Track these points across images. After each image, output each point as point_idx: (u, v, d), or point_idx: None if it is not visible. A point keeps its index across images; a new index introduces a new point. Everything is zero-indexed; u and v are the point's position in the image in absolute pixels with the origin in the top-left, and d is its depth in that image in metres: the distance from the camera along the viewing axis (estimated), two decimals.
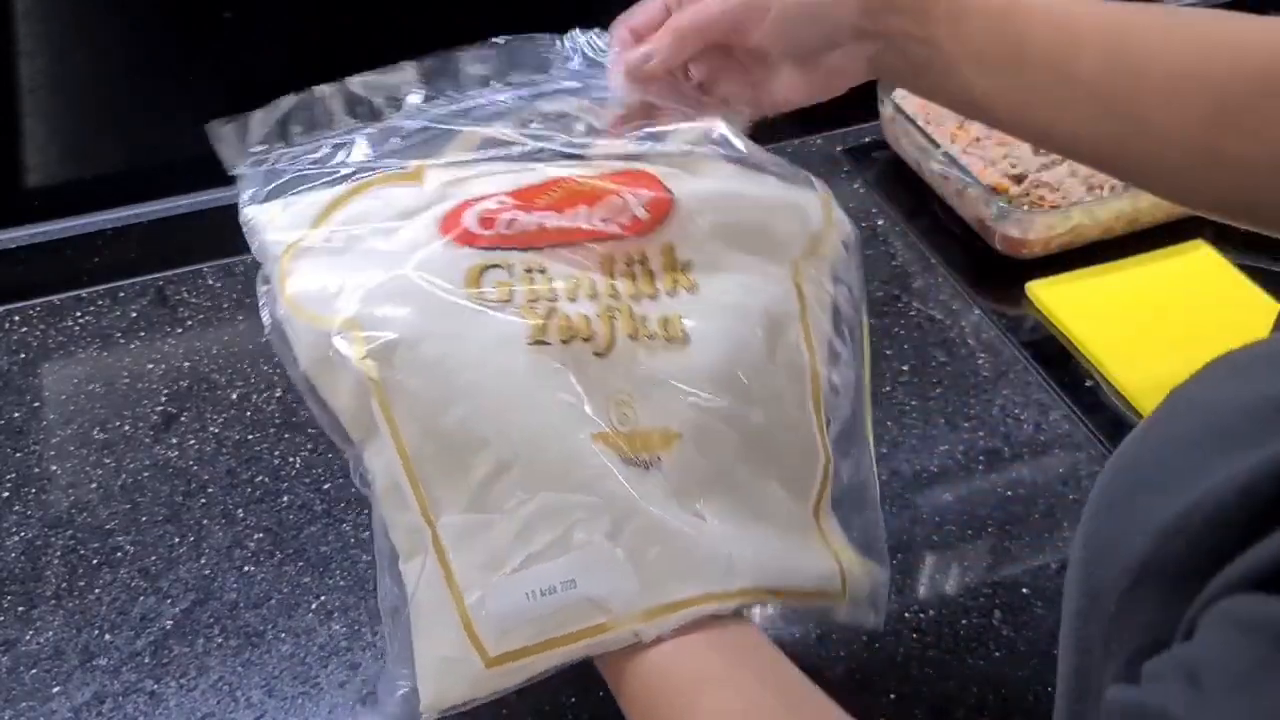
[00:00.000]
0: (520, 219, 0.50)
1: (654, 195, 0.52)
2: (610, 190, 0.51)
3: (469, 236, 0.49)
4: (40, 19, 1.19)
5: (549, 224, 0.50)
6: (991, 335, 0.84)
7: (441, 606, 0.47)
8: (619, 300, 0.49)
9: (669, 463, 0.48)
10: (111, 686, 0.63)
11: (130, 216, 0.96)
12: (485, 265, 0.49)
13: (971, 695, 0.62)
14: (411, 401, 0.47)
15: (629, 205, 0.51)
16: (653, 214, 0.51)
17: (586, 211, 0.51)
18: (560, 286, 0.49)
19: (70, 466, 0.75)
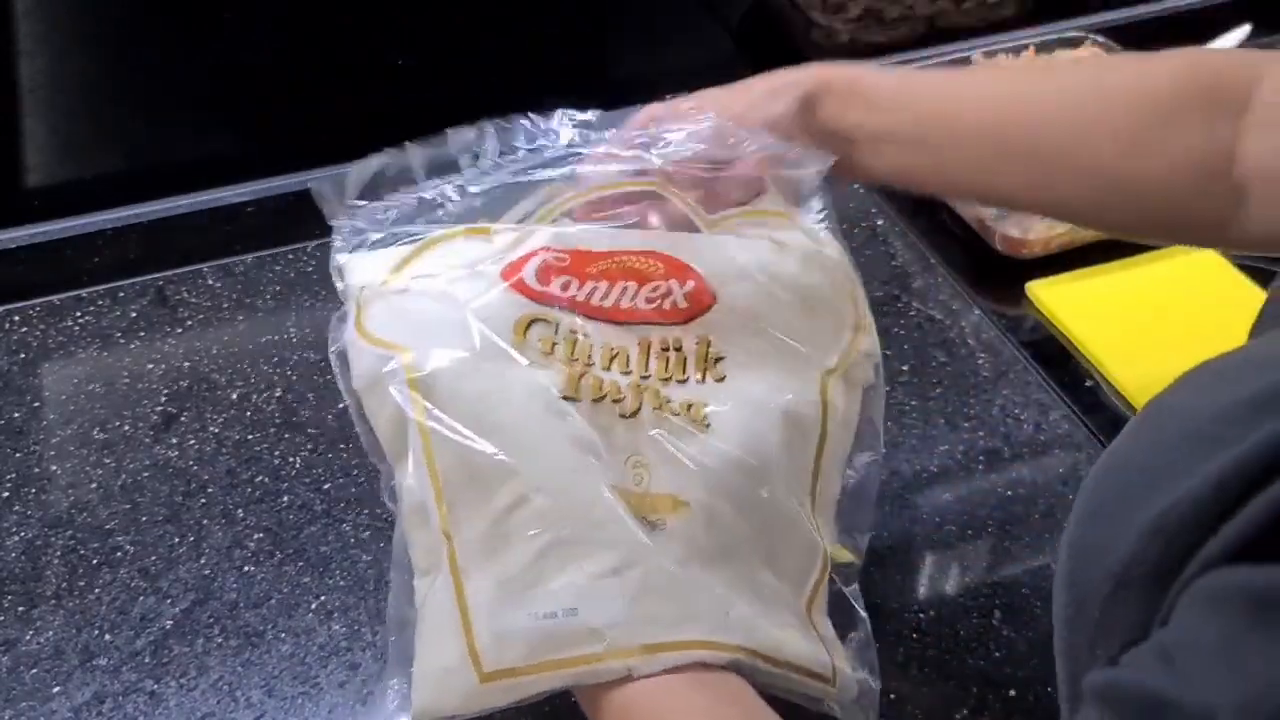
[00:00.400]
0: (573, 283, 0.54)
1: (695, 287, 0.55)
2: (658, 275, 0.55)
3: (525, 288, 0.54)
4: (41, 19, 1.19)
5: (597, 295, 0.54)
6: (991, 335, 0.84)
7: (447, 619, 0.49)
8: (649, 380, 0.53)
9: (675, 527, 0.50)
10: (111, 686, 0.63)
11: (130, 216, 0.96)
12: (534, 318, 0.53)
13: (971, 695, 0.62)
14: (449, 430, 0.51)
15: (672, 292, 0.55)
16: (692, 305, 0.55)
17: (634, 289, 0.55)
18: (598, 353, 0.53)
19: (70, 466, 0.75)
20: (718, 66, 1.18)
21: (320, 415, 0.78)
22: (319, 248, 0.93)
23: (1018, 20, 1.17)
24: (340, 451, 0.76)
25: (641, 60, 1.22)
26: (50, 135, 1.08)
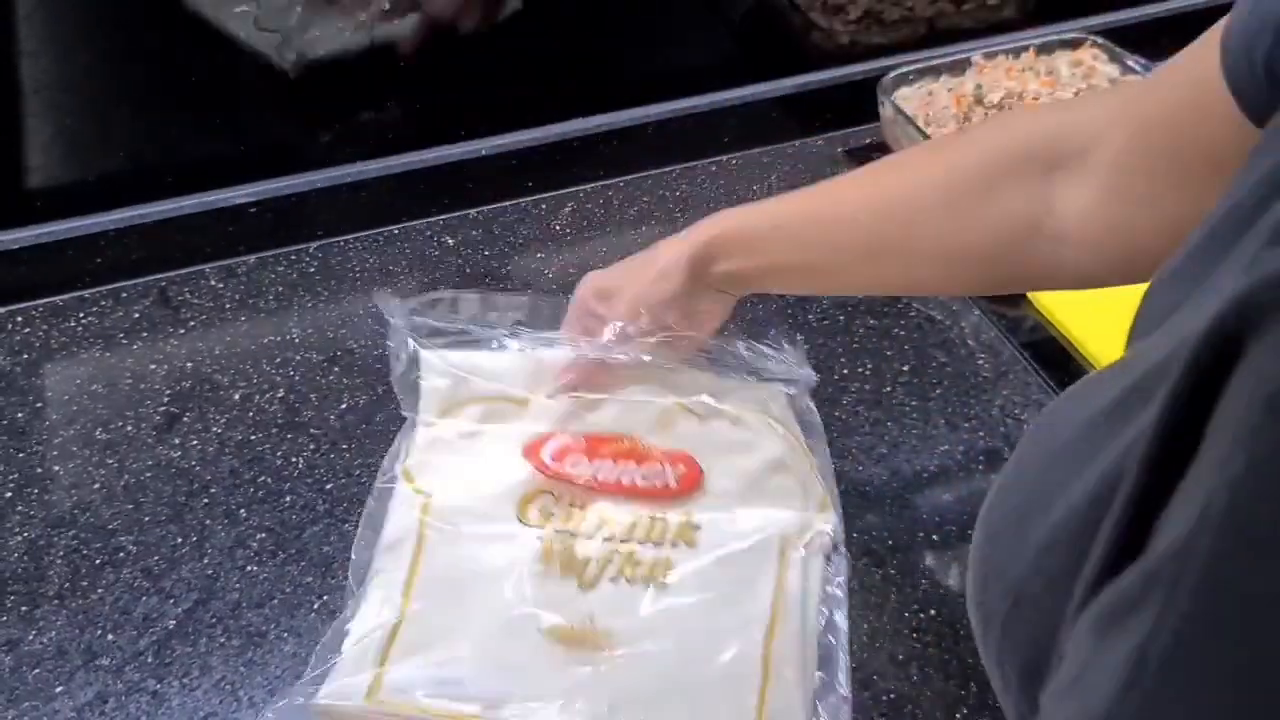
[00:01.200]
0: (583, 462, 0.66)
1: (686, 472, 0.66)
2: (655, 458, 0.67)
3: (542, 464, 0.66)
4: (43, 20, 1.20)
5: (601, 474, 0.66)
6: (991, 336, 0.84)
7: (377, 649, 0.59)
8: (631, 541, 0.63)
9: (603, 663, 0.59)
10: (114, 686, 0.63)
11: (133, 217, 0.96)
12: (540, 491, 0.66)
13: (971, 695, 0.62)
14: (439, 541, 0.64)
15: (665, 473, 0.66)
16: (681, 486, 0.66)
17: (633, 469, 0.66)
18: (590, 522, 0.64)
19: (73, 467, 0.75)
20: (718, 67, 1.19)
21: (323, 416, 0.78)
22: (321, 248, 0.93)
23: (1018, 21, 1.17)
24: (343, 452, 0.76)
25: (643, 61, 1.22)
26: (53, 136, 1.08)
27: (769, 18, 1.21)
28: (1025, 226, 0.59)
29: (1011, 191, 0.59)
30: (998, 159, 0.60)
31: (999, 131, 0.62)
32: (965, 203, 0.60)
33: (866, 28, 1.17)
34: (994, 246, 0.60)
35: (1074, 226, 0.58)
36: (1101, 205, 0.57)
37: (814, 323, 0.85)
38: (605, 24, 1.25)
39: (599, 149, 1.05)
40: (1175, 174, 0.53)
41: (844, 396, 0.79)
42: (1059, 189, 0.58)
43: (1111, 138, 0.56)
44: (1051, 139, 0.58)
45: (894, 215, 0.63)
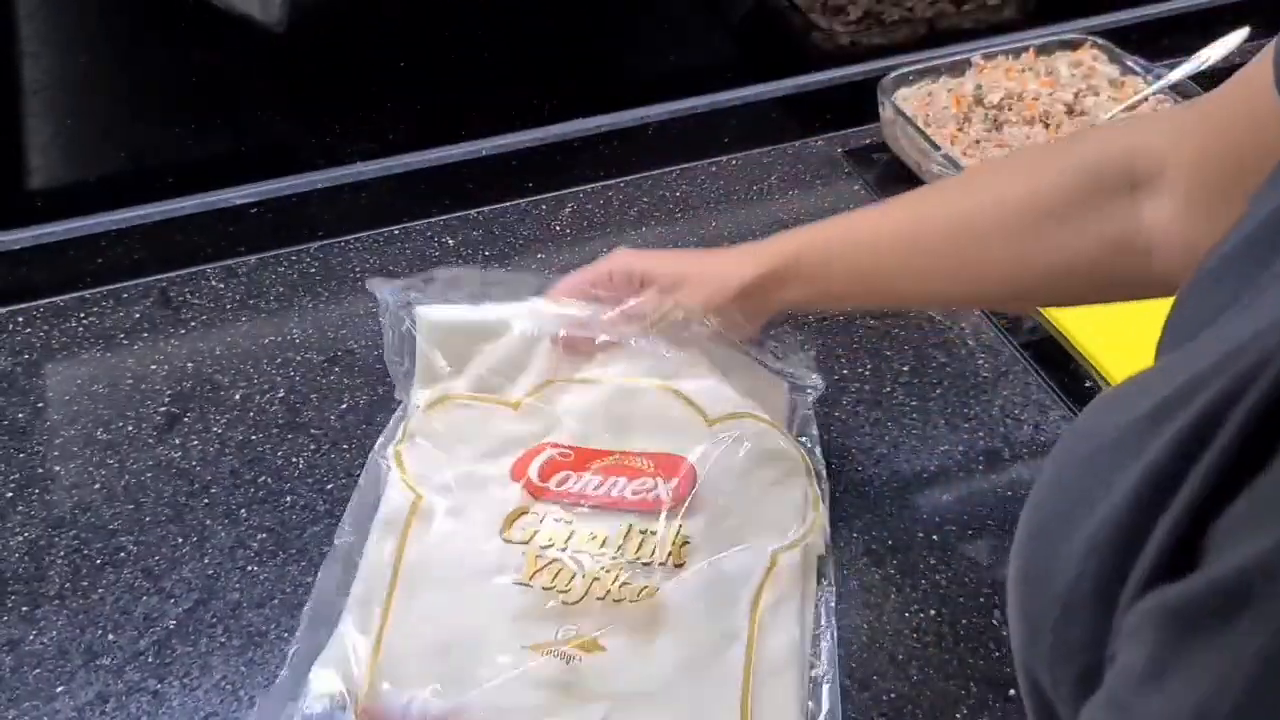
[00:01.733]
0: (571, 477, 0.65)
1: (679, 485, 0.65)
2: (648, 472, 0.65)
3: (529, 483, 0.65)
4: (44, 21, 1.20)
5: (590, 487, 0.65)
6: (991, 336, 0.84)
7: (363, 649, 0.60)
8: (620, 560, 0.62)
9: (588, 661, 0.59)
10: (115, 686, 0.63)
11: (134, 218, 0.96)
12: (525, 510, 0.64)
13: (971, 695, 0.62)
14: (420, 554, 0.64)
15: (657, 488, 0.65)
16: (674, 500, 0.64)
17: (624, 483, 0.65)
18: (576, 539, 0.63)
19: (74, 467, 0.75)
20: (718, 68, 1.19)
21: (323, 416, 0.78)
22: (321, 249, 0.93)
23: (1018, 22, 1.17)
24: (343, 452, 0.76)
25: (644, 62, 1.23)
26: (54, 137, 1.08)
27: (769, 18, 1.21)
28: (1117, 243, 0.60)
29: (1098, 211, 0.60)
30: (1078, 182, 0.61)
31: (1069, 155, 0.63)
32: (1053, 226, 0.61)
33: (866, 28, 1.17)
34: (1091, 261, 0.61)
35: (1160, 239, 0.59)
36: (1181, 218, 0.58)
37: (814, 322, 0.85)
38: (605, 24, 1.25)
39: (599, 149, 1.05)
40: (1240, 187, 0.53)
41: (844, 396, 0.79)
42: (1144, 205, 0.59)
43: (1181, 156, 0.58)
44: (1128, 159, 0.60)
45: (976, 241, 0.63)
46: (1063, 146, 0.63)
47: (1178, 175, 0.58)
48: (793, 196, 0.98)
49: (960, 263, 0.64)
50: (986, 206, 0.64)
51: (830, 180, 1.00)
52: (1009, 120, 0.95)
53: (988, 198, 0.64)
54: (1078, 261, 0.61)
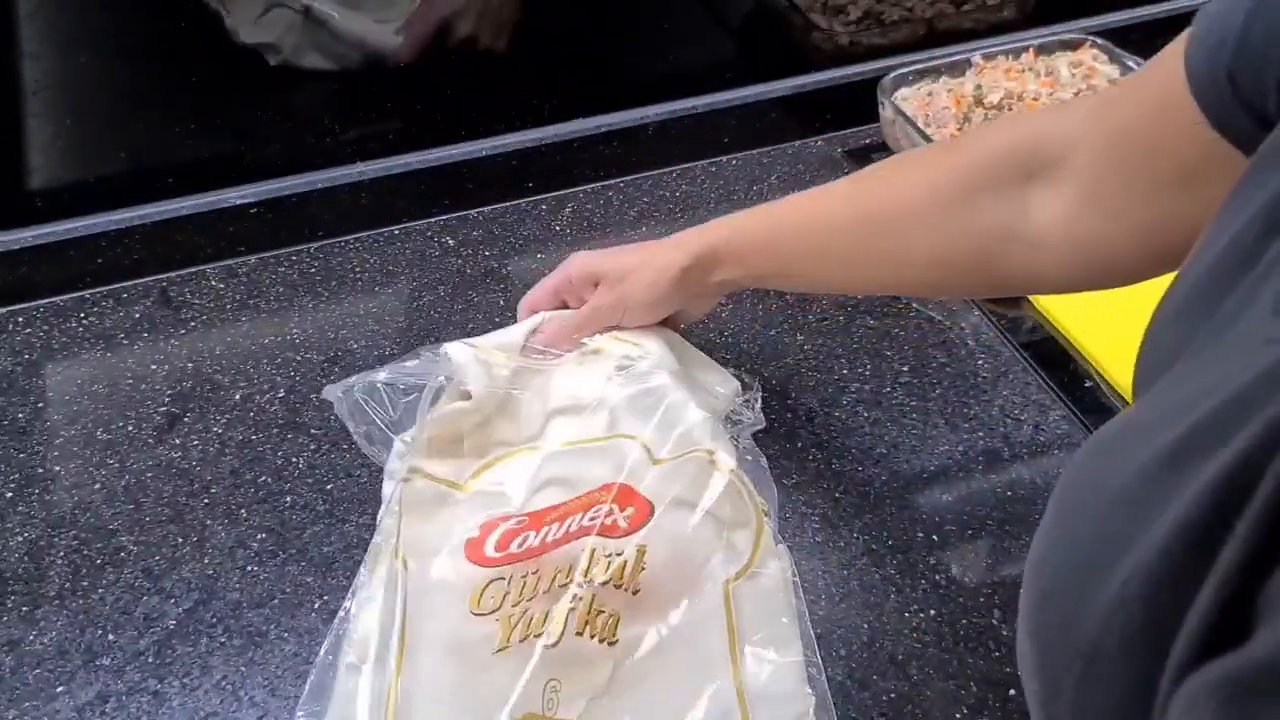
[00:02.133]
0: (530, 535, 0.64)
1: (635, 512, 0.64)
2: (604, 501, 0.65)
3: (485, 559, 0.64)
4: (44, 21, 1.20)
5: (550, 534, 0.64)
6: (991, 336, 0.84)
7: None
8: (592, 585, 0.61)
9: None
10: (115, 686, 0.63)
11: (134, 218, 0.96)
12: (492, 579, 0.63)
13: (971, 695, 0.62)
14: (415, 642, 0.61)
15: (614, 514, 0.64)
16: (631, 525, 0.64)
17: (579, 517, 0.64)
18: (545, 581, 0.62)
19: (74, 467, 0.75)
20: (718, 68, 1.19)
21: (323, 416, 0.78)
22: (321, 249, 0.93)
23: (1018, 23, 1.17)
24: (343, 452, 0.76)
25: (643, 62, 1.23)
26: (54, 137, 1.08)
27: (769, 18, 1.21)
28: (1003, 234, 0.61)
29: (991, 200, 0.61)
30: (977, 169, 0.62)
31: (978, 143, 0.64)
32: (947, 212, 0.63)
33: (866, 28, 1.17)
34: (976, 253, 0.62)
35: (1049, 233, 0.59)
36: (1074, 213, 0.58)
37: (814, 323, 0.85)
38: (605, 25, 1.25)
39: (599, 149, 1.05)
40: (1145, 183, 0.54)
41: (844, 396, 0.79)
42: (1035, 197, 0.60)
43: (1084, 148, 0.57)
44: (1028, 149, 0.60)
45: (880, 226, 0.66)
46: (975, 135, 0.64)
47: (1074, 169, 0.58)
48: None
49: (862, 251, 0.67)
50: (890, 196, 0.66)
51: (830, 180, 1.00)
52: None
53: (894, 188, 0.66)
54: (971, 249, 0.62)
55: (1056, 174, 0.59)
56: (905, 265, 0.66)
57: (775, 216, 0.71)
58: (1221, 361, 0.36)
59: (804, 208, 0.70)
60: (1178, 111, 0.49)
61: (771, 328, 0.85)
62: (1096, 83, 0.98)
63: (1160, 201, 0.53)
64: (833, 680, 0.62)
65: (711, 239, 0.71)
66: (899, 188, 0.66)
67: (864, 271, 0.69)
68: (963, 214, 0.62)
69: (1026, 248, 0.60)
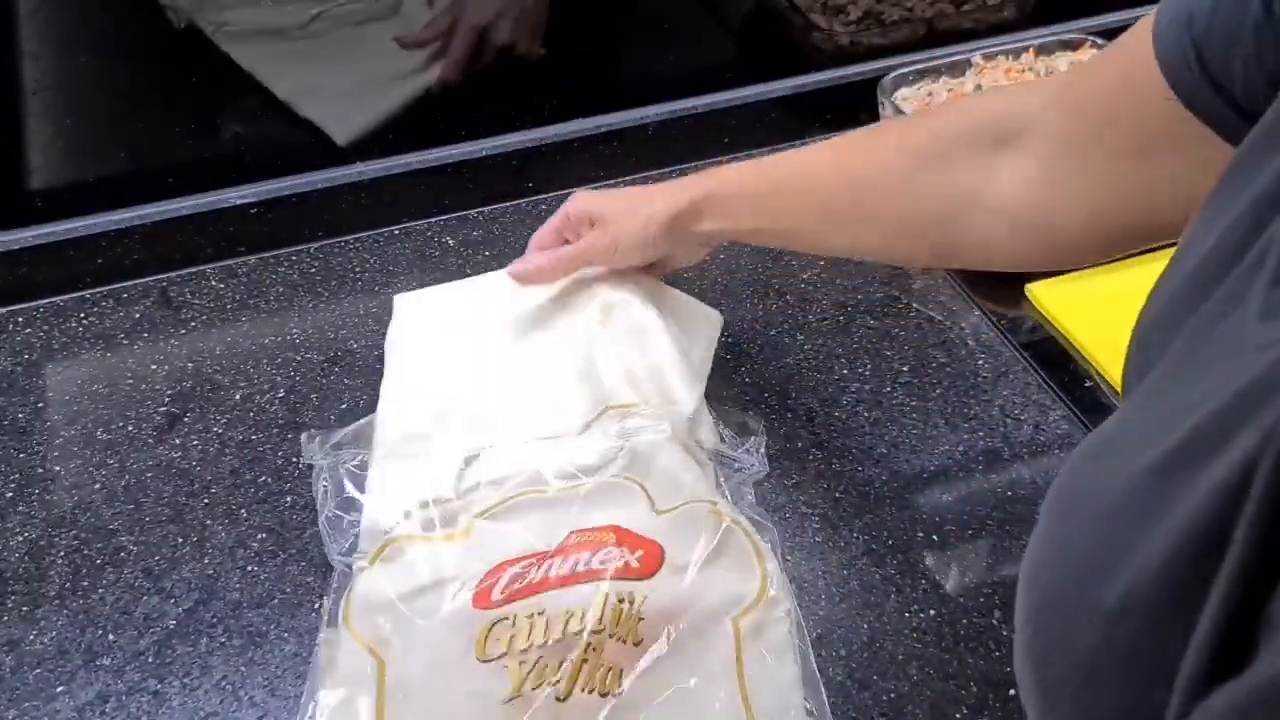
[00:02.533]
0: (533, 569, 0.61)
1: (644, 554, 0.62)
2: (611, 543, 0.62)
3: (491, 604, 0.60)
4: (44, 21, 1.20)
5: (554, 571, 0.61)
6: (991, 336, 0.84)
7: None
8: (602, 633, 0.58)
9: None
10: (115, 686, 0.63)
11: (134, 218, 0.96)
12: (496, 621, 0.59)
13: (971, 695, 0.62)
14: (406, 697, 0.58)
15: (624, 557, 0.62)
16: (643, 567, 0.61)
17: (587, 556, 0.62)
18: (556, 625, 0.58)
19: (74, 467, 0.75)
20: (718, 68, 1.19)
21: (323, 416, 0.79)
22: (321, 249, 0.93)
23: (1018, 23, 1.17)
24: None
25: (643, 62, 1.22)
26: (54, 137, 1.08)
27: (769, 18, 1.21)
28: (968, 197, 0.62)
29: (960, 163, 0.62)
30: (951, 134, 0.63)
31: (955, 111, 0.66)
32: (919, 174, 0.64)
33: (866, 29, 1.17)
34: (943, 216, 0.64)
35: (1009, 201, 0.61)
36: (1032, 183, 0.59)
37: (814, 323, 0.85)
38: (605, 24, 1.25)
39: (599, 149, 1.05)
40: (1103, 158, 0.55)
41: (844, 396, 0.79)
42: (1001, 163, 0.61)
43: (1050, 118, 0.59)
44: (999, 118, 0.61)
45: (857, 183, 0.68)
46: (952, 104, 0.66)
47: (1039, 138, 0.59)
48: None
49: (839, 208, 0.69)
50: (869, 155, 0.68)
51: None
52: None
53: (873, 148, 0.68)
54: (937, 211, 0.64)
55: (1021, 143, 0.60)
56: (877, 224, 0.68)
57: (762, 170, 0.73)
58: (1209, 367, 0.36)
59: (790, 163, 0.72)
60: (1144, 85, 0.50)
61: (771, 328, 0.85)
62: None
63: (1115, 172, 0.54)
64: (833, 680, 0.62)
65: (700, 190, 0.73)
66: (878, 148, 0.68)
67: (840, 228, 0.70)
68: (934, 174, 0.63)
69: (987, 214, 0.62)
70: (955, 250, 0.67)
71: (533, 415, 0.73)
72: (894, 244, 0.70)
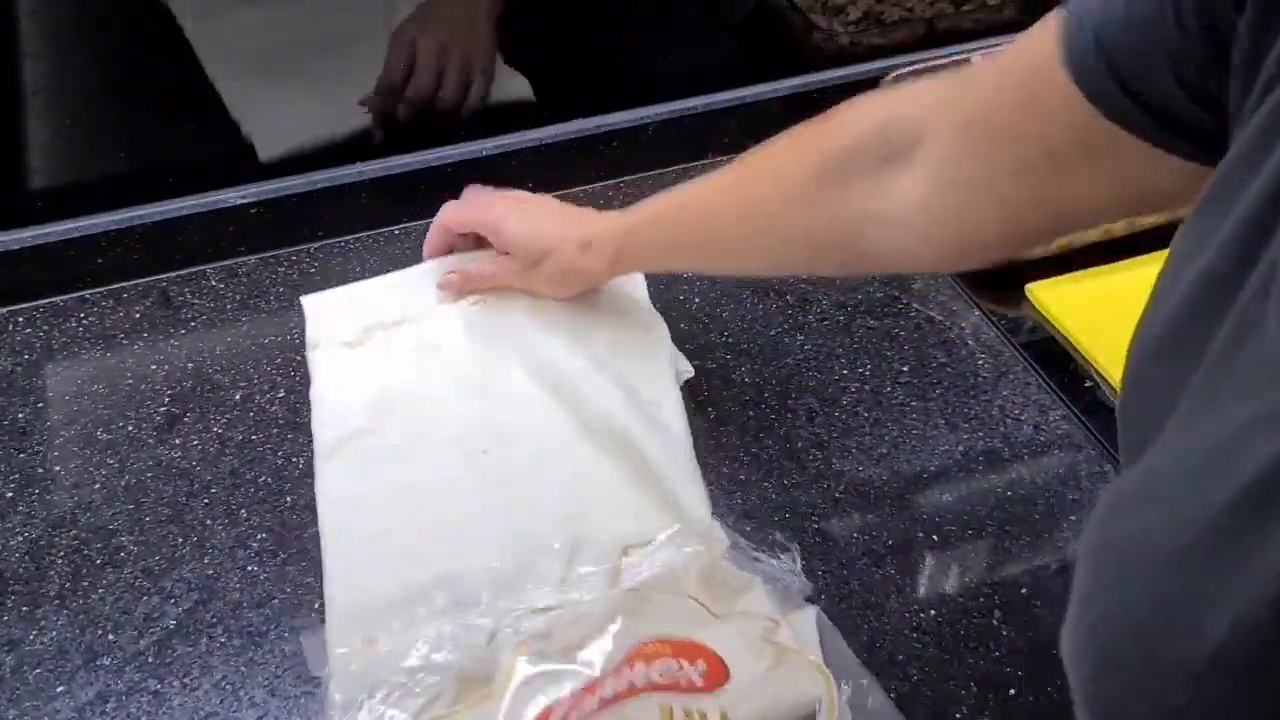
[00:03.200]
0: (586, 699, 0.55)
1: (706, 667, 0.56)
2: (666, 655, 0.57)
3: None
4: (44, 21, 1.20)
5: (606, 689, 0.55)
6: (991, 336, 0.84)
7: None
8: None
9: None
10: (115, 686, 0.63)
11: (134, 218, 0.96)
12: None
13: (971, 695, 0.62)
14: None
15: (684, 668, 0.56)
16: (708, 681, 0.56)
17: (644, 669, 0.56)
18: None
19: (74, 467, 0.75)
20: (718, 68, 1.19)
21: None
22: (321, 249, 0.93)
23: (1018, 23, 1.17)
24: None
25: (643, 62, 1.22)
26: (53, 137, 1.08)
27: (769, 18, 1.21)
28: (865, 215, 0.62)
29: (852, 185, 0.62)
30: (838, 154, 0.63)
31: (841, 125, 0.64)
32: (816, 197, 0.64)
33: (866, 29, 1.17)
34: (847, 235, 0.64)
35: (908, 214, 0.60)
36: (932, 195, 0.58)
37: (814, 323, 0.85)
38: (605, 24, 1.25)
39: (599, 149, 1.05)
40: (1009, 164, 0.53)
41: (844, 396, 0.79)
42: (892, 182, 0.60)
43: (941, 128, 0.57)
44: (884, 131, 0.60)
45: (757, 215, 0.69)
46: (847, 112, 0.64)
47: (931, 150, 0.58)
48: None
49: (743, 242, 0.71)
50: (767, 185, 0.68)
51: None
52: None
53: (769, 175, 0.68)
54: (836, 233, 0.64)
55: (911, 157, 0.59)
56: (784, 251, 0.69)
57: (665, 216, 0.74)
58: (1247, 396, 0.34)
59: (692, 203, 0.73)
60: (1047, 93, 0.49)
61: (771, 328, 0.85)
62: None
63: (1024, 181, 0.53)
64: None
65: (609, 241, 0.75)
66: (775, 173, 0.67)
67: (748, 259, 0.73)
68: (830, 199, 0.63)
69: (889, 229, 0.61)
70: (869, 263, 0.70)
71: (519, 577, 0.65)
72: (812, 261, 0.72)
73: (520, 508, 0.69)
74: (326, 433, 0.74)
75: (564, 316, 0.80)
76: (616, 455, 0.72)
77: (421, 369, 0.78)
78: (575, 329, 0.79)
